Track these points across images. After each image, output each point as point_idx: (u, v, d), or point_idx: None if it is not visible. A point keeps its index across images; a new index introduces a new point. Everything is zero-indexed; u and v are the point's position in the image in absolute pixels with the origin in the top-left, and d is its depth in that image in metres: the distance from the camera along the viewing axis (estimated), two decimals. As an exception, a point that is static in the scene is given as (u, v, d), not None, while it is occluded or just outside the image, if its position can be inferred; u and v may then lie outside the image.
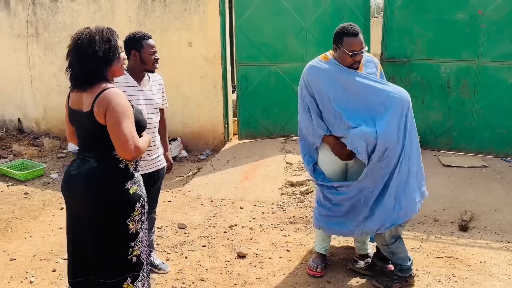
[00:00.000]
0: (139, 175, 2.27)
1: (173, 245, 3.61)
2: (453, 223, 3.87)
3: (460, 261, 3.28)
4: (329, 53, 2.94)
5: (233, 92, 6.60)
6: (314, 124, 2.89)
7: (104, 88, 2.05)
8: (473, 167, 4.91)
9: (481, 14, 5.02)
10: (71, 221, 2.23)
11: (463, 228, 3.73)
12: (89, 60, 2.04)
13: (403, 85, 5.38)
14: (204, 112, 6.06)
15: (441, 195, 4.24)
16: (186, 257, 3.42)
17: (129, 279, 2.21)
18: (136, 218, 2.17)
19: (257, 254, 3.45)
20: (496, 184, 4.52)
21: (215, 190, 4.71)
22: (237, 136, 6.15)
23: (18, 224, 4.08)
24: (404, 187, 2.78)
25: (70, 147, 5.91)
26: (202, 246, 3.59)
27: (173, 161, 4.50)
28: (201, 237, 3.74)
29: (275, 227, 3.89)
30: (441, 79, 5.35)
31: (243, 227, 3.90)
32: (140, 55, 2.78)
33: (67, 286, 3.02)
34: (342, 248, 3.51)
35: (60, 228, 3.96)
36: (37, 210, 4.39)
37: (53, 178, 5.32)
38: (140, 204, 2.18)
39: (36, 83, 6.82)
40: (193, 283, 3.09)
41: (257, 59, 5.82)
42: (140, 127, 2.18)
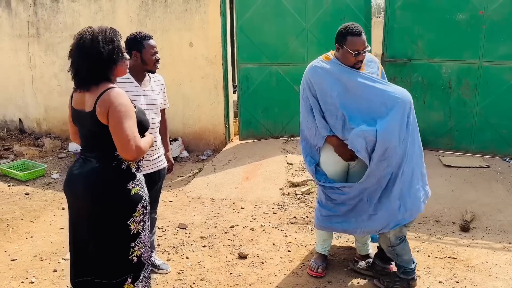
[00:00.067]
0: (141, 175, 2.26)
1: (174, 246, 3.61)
2: (454, 223, 3.86)
3: (461, 262, 3.27)
4: (331, 53, 2.94)
5: (234, 92, 6.60)
6: (317, 124, 2.88)
7: (106, 88, 2.05)
8: (474, 167, 4.90)
9: (482, 14, 5.02)
10: (73, 221, 2.23)
11: (464, 228, 3.73)
12: (93, 60, 2.03)
13: (404, 85, 5.38)
14: (205, 112, 6.06)
15: (442, 196, 4.24)
16: (187, 258, 3.42)
17: (130, 280, 2.20)
18: (137, 218, 2.17)
19: (258, 254, 3.44)
20: (497, 184, 4.51)
21: (216, 190, 4.71)
22: (238, 136, 6.15)
23: (19, 224, 4.08)
24: (408, 187, 2.77)
25: (71, 147, 5.91)
26: (203, 246, 3.59)
27: (174, 161, 4.50)
28: (202, 237, 3.74)
29: (276, 228, 3.89)
30: (442, 79, 5.35)
31: (244, 228, 3.90)
32: (141, 56, 2.78)
33: (68, 286, 3.03)
34: (343, 248, 3.50)
35: (61, 228, 3.96)
36: (38, 210, 4.40)
37: (54, 178, 5.33)
38: (141, 204, 2.18)
39: (37, 84, 6.83)
40: (194, 283, 3.08)
41: (258, 59, 5.82)
42: (142, 128, 2.18)
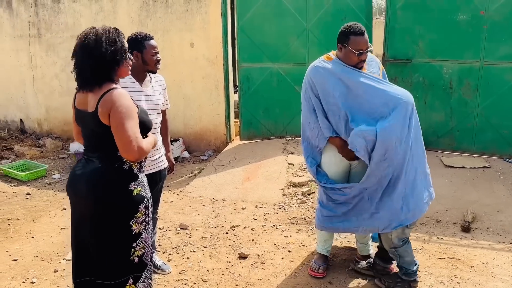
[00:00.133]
0: (144, 176, 2.26)
1: (174, 246, 3.60)
2: (455, 224, 3.86)
3: (462, 262, 3.27)
4: (332, 53, 2.93)
5: (235, 92, 6.61)
6: (320, 125, 2.86)
7: (109, 88, 2.05)
8: (475, 168, 4.90)
9: (483, 14, 5.01)
10: (75, 221, 2.23)
11: (466, 229, 3.72)
12: (96, 61, 2.03)
13: (405, 85, 5.39)
14: (206, 112, 6.06)
15: (443, 196, 4.23)
16: (187, 258, 3.42)
17: (131, 280, 2.20)
18: (139, 219, 2.17)
19: (258, 255, 3.44)
20: (498, 185, 4.51)
21: (217, 190, 4.71)
22: (239, 136, 6.15)
23: (20, 224, 4.09)
24: (411, 188, 2.77)
25: (72, 148, 5.92)
26: (203, 246, 3.59)
27: (175, 161, 4.50)
28: (202, 237, 3.74)
29: (276, 228, 3.88)
30: (444, 79, 5.35)
31: (244, 228, 3.89)
32: (142, 56, 2.78)
33: (68, 286, 3.03)
34: (344, 249, 3.50)
35: (62, 228, 3.96)
36: (39, 210, 4.40)
37: (55, 178, 5.33)
38: (144, 205, 2.18)
39: (38, 84, 6.84)
40: (195, 283, 3.08)
41: (259, 59, 5.82)
42: (145, 128, 2.18)
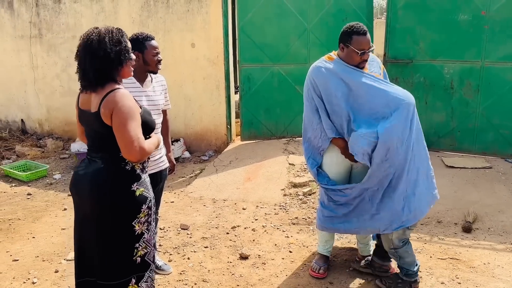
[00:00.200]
0: (147, 176, 2.26)
1: (175, 246, 3.60)
2: (456, 224, 3.85)
3: (463, 263, 3.27)
4: (333, 53, 2.93)
5: (235, 93, 6.61)
6: (323, 125, 2.85)
7: (112, 89, 2.05)
8: (476, 168, 4.89)
9: (484, 15, 5.01)
10: (79, 221, 2.24)
11: (467, 229, 3.72)
12: (100, 61, 2.03)
13: (406, 86, 5.39)
14: (206, 113, 6.07)
15: (445, 196, 4.22)
16: (188, 258, 3.42)
17: (134, 280, 2.21)
18: (142, 219, 2.17)
19: (259, 255, 3.44)
20: (499, 185, 4.50)
21: (218, 191, 4.71)
22: (239, 137, 6.15)
23: (21, 225, 4.09)
24: (413, 188, 2.76)
25: (73, 148, 5.92)
26: (204, 247, 3.59)
27: (176, 162, 4.50)
28: (203, 238, 3.74)
29: (277, 228, 3.88)
30: (445, 80, 5.34)
31: (245, 228, 3.89)
32: (143, 56, 2.78)
33: (69, 287, 3.03)
34: (345, 249, 3.50)
35: (62, 229, 3.96)
36: (40, 211, 4.40)
37: (56, 179, 5.33)
38: (146, 205, 2.18)
39: (39, 84, 6.84)
40: (196, 284, 3.08)
41: (259, 60, 5.82)
42: (148, 128, 2.18)
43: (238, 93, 6.18)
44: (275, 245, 3.60)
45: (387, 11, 5.53)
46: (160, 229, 3.78)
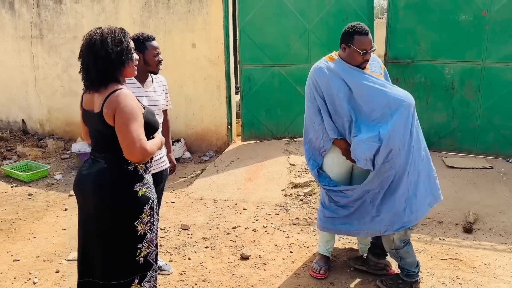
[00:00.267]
0: (150, 177, 2.26)
1: (176, 246, 3.61)
2: (457, 225, 3.85)
3: (464, 263, 3.26)
4: (334, 53, 2.93)
5: (236, 93, 6.61)
6: (325, 126, 2.84)
7: (114, 89, 2.05)
8: (477, 168, 4.89)
9: (485, 15, 5.00)
10: (82, 221, 2.24)
11: (468, 230, 3.71)
12: (102, 61, 2.03)
13: (407, 86, 5.39)
14: (207, 113, 6.07)
15: (445, 197, 4.18)
16: (189, 259, 3.42)
17: (137, 280, 2.21)
18: (144, 220, 2.17)
19: (260, 255, 3.44)
20: (500, 185, 4.50)
21: (219, 191, 4.71)
22: (240, 137, 6.15)
23: (22, 225, 4.09)
24: (414, 189, 2.76)
25: (74, 148, 5.92)
26: (205, 247, 3.59)
27: (177, 162, 4.51)
28: (204, 238, 3.74)
29: (278, 229, 3.88)
30: (445, 80, 5.34)
31: (246, 229, 3.89)
32: (143, 57, 2.78)
33: (70, 287, 3.04)
34: (345, 250, 3.50)
35: (63, 229, 3.97)
36: (41, 211, 4.41)
37: (57, 179, 5.34)
38: (149, 206, 2.18)
39: (40, 85, 6.85)
40: (196, 284, 3.08)
41: (260, 60, 5.82)
42: (151, 129, 2.18)
43: (238, 93, 6.18)
44: (276, 245, 3.60)
45: (388, 12, 5.53)
46: (160, 229, 3.78)
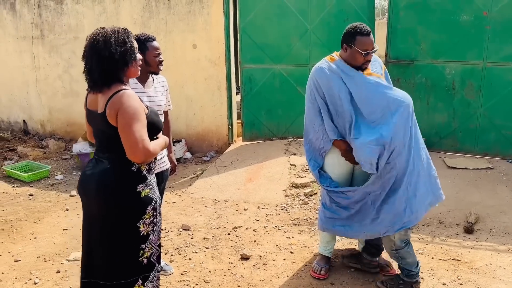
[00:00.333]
0: (153, 177, 2.26)
1: (177, 247, 3.61)
2: (458, 225, 3.85)
3: (465, 264, 3.26)
4: (335, 54, 2.92)
5: (237, 94, 6.61)
6: (325, 127, 2.84)
7: (118, 90, 2.05)
8: (478, 169, 4.88)
9: (486, 15, 5.00)
10: (86, 221, 2.24)
11: (468, 230, 3.71)
12: (106, 62, 2.03)
13: (408, 86, 5.39)
14: (208, 113, 6.07)
15: (446, 197, 4.15)
16: (189, 259, 3.42)
17: (140, 281, 2.21)
18: (147, 220, 2.17)
19: (260, 256, 3.44)
20: (501, 186, 4.49)
21: (219, 191, 4.72)
22: (241, 137, 6.15)
23: (22, 225, 4.10)
24: (414, 190, 2.76)
25: (75, 149, 5.92)
26: (205, 247, 3.59)
27: (177, 162, 4.50)
28: (204, 238, 3.74)
29: (279, 229, 3.88)
30: (446, 80, 5.34)
31: (247, 229, 3.89)
32: (144, 57, 2.78)
33: (71, 287, 3.04)
34: (346, 250, 3.49)
35: (64, 229, 3.97)
36: (42, 211, 4.41)
37: (58, 179, 5.34)
38: (152, 207, 2.18)
39: (41, 85, 6.86)
40: (197, 284, 3.08)
41: (261, 60, 5.82)
42: (155, 129, 2.18)
43: (239, 93, 6.19)
44: (276, 245, 3.60)
45: (389, 12, 5.53)
46: (161, 229, 3.78)
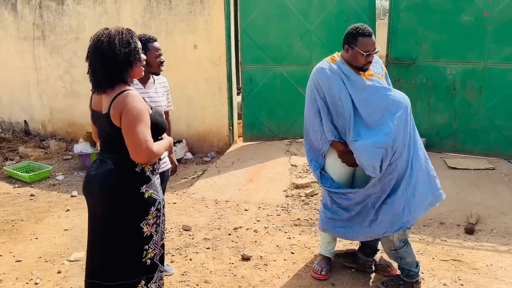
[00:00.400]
0: (157, 178, 2.26)
1: (177, 247, 3.61)
2: (459, 226, 3.84)
3: (466, 264, 3.26)
4: (336, 54, 2.92)
5: (238, 94, 6.62)
6: (324, 128, 2.84)
7: (122, 90, 2.05)
8: (479, 169, 4.88)
9: (487, 15, 5.00)
10: (91, 221, 2.25)
11: (469, 231, 3.71)
12: (110, 63, 2.03)
13: (409, 87, 5.40)
14: (209, 114, 6.07)
15: (447, 198, 4.15)
16: (190, 259, 3.42)
17: (143, 281, 2.21)
18: (150, 221, 2.17)
19: (261, 256, 3.44)
20: (502, 186, 4.49)
21: (220, 192, 4.72)
22: (242, 138, 6.16)
23: (24, 225, 4.10)
24: (413, 190, 2.76)
25: (76, 149, 5.93)
26: (206, 248, 3.59)
27: (178, 163, 4.52)
28: (205, 239, 3.74)
29: (279, 230, 3.88)
30: (447, 81, 5.33)
31: (247, 229, 3.89)
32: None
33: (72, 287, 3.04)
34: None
35: (65, 230, 3.98)
36: (43, 211, 4.42)
37: (59, 180, 5.35)
38: (155, 208, 2.18)
39: (42, 86, 6.87)
40: (197, 285, 3.09)
41: (262, 61, 5.82)
42: (159, 129, 2.18)
43: (240, 94, 6.19)
44: (277, 246, 3.60)
45: (390, 12, 5.53)
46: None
